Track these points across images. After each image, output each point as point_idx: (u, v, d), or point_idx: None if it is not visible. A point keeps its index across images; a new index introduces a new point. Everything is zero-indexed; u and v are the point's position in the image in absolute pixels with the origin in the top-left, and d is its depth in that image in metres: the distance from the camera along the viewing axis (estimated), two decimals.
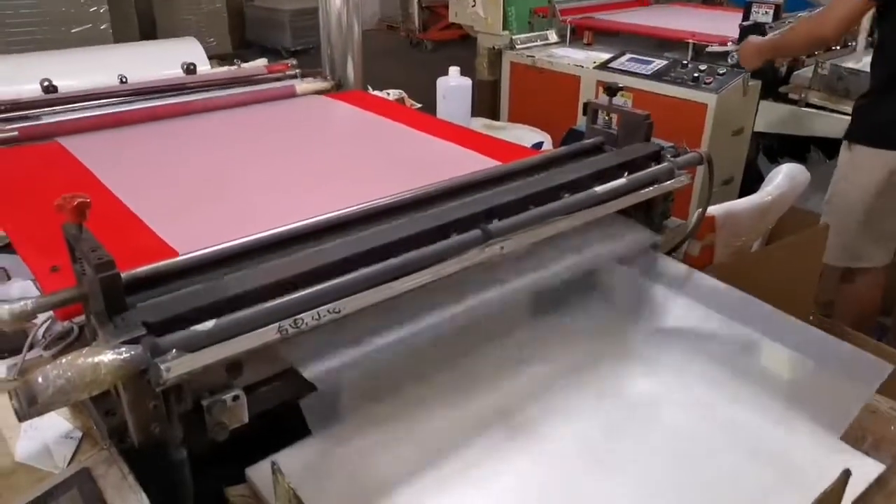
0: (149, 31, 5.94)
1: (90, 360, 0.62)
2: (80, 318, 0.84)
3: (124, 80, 1.91)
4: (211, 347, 0.68)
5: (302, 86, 1.94)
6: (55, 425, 0.85)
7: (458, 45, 7.26)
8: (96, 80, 1.87)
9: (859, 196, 2.03)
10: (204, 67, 2.19)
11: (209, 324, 0.70)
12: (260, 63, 2.31)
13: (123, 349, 0.64)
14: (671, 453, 0.87)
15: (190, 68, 2.06)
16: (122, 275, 0.71)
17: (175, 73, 2.03)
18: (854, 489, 0.80)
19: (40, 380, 0.60)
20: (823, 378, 0.95)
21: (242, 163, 1.39)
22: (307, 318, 0.73)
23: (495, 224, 0.92)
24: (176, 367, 0.65)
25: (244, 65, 2.25)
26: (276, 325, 0.72)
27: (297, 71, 2.07)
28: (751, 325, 1.01)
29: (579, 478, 0.84)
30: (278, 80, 2.02)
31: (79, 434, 0.84)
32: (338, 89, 2.01)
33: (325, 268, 0.79)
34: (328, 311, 0.75)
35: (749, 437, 0.90)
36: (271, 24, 7.31)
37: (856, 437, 0.91)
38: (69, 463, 0.80)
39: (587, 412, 0.93)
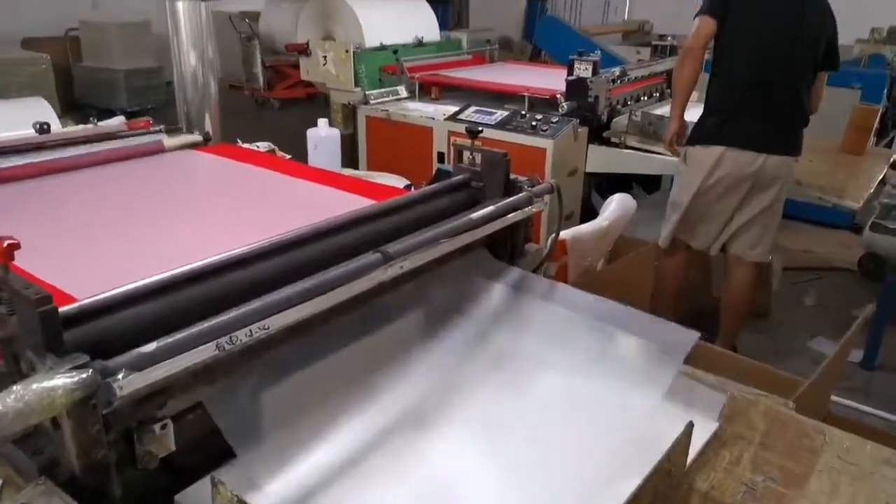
0: None
1: (43, 385, 0.66)
2: None
3: None
4: (159, 365, 0.74)
5: (170, 141, 1.96)
6: None
7: (306, 103, 7.39)
8: None
9: (692, 184, 2.53)
10: (56, 126, 2.13)
11: (151, 345, 0.75)
12: (118, 121, 2.28)
13: (74, 373, 0.69)
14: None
15: (44, 128, 2.00)
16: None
17: (27, 133, 1.97)
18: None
19: (0, 406, 0.63)
20: (649, 351, 1.14)
21: (127, 218, 1.39)
22: (241, 334, 0.81)
23: (392, 247, 1.05)
24: (127, 384, 0.71)
25: (101, 123, 2.22)
26: (214, 342, 0.79)
27: (162, 126, 2.09)
28: (600, 319, 1.21)
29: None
30: (141, 136, 2.03)
31: None
32: (206, 143, 2.05)
33: (247, 291, 0.87)
34: (258, 327, 0.83)
35: (594, 406, 1.06)
36: (104, 84, 7.02)
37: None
38: None
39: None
